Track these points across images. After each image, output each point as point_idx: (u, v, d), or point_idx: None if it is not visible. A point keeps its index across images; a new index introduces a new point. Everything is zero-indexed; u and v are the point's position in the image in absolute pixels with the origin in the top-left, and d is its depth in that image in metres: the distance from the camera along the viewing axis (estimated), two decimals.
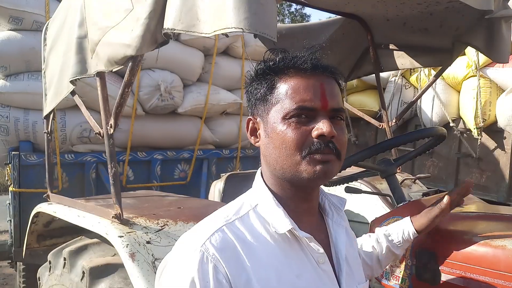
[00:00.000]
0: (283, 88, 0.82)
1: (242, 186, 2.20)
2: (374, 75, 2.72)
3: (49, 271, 1.88)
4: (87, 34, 1.50)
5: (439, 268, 1.23)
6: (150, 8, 1.15)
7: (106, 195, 2.44)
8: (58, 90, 1.79)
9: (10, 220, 4.03)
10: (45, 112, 2.06)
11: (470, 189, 1.20)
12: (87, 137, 3.38)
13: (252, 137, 0.89)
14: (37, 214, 2.11)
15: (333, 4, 2.23)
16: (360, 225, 2.18)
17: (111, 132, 1.45)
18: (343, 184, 1.78)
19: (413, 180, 2.45)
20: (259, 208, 0.84)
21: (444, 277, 1.22)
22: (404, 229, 1.19)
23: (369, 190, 2.09)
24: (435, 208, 1.18)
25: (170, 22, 1.07)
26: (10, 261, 4.29)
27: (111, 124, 1.42)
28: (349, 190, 1.72)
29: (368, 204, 2.13)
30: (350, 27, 2.46)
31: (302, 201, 0.86)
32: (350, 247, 0.94)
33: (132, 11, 1.22)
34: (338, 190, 1.85)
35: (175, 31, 1.07)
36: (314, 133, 0.78)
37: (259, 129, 0.87)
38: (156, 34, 1.18)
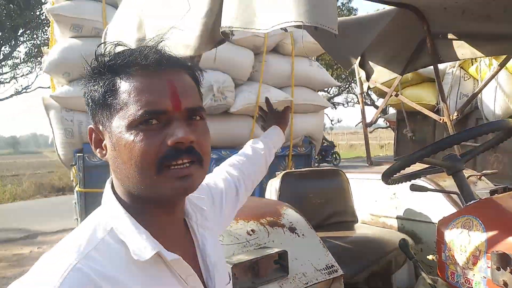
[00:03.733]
0: (125, 89, 0.68)
1: (298, 183, 2.18)
2: (431, 67, 2.61)
3: None
4: (145, 36, 1.55)
5: None
6: (207, 8, 1.15)
7: None
8: None
9: (77, 219, 4.28)
10: None
11: None
12: None
13: (98, 150, 0.73)
14: None
15: None
16: (425, 225, 2.09)
17: None
18: (405, 182, 1.70)
19: (478, 176, 2.31)
20: (116, 231, 0.68)
21: None
22: (278, 134, 1.37)
23: (434, 188, 1.99)
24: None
25: (227, 20, 1.06)
26: None
27: None
28: (414, 188, 1.64)
29: (432, 203, 2.03)
30: (404, 17, 2.36)
31: (164, 215, 0.73)
32: (217, 248, 0.86)
33: (189, 12, 1.24)
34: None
35: (233, 29, 1.06)
36: (169, 141, 0.66)
37: (104, 140, 0.72)
38: (214, 33, 1.19)
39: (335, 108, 21.96)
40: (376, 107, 16.76)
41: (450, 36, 2.34)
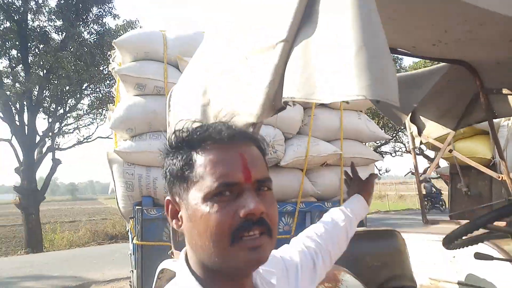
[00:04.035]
0: (201, 163, 0.72)
1: (353, 244, 2.15)
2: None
3: None
4: (209, 102, 1.68)
5: None
6: (270, 79, 1.22)
7: None
8: None
9: (132, 271, 4.37)
10: None
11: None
12: None
13: (174, 221, 0.77)
14: (162, 271, 2.23)
15: (438, 52, 2.19)
16: None
17: None
18: (467, 246, 1.64)
19: None
20: None
21: None
22: (362, 204, 1.31)
23: (500, 255, 1.88)
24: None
25: (289, 91, 1.12)
26: None
27: None
28: (479, 257, 1.57)
29: (497, 269, 1.92)
30: (456, 72, 2.37)
31: (236, 285, 0.75)
32: None
33: (252, 81, 1.34)
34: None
35: (294, 99, 1.12)
36: (241, 212, 0.69)
37: (180, 211, 0.76)
38: (275, 102, 1.26)
39: (383, 158, 21.46)
40: (426, 156, 16.21)
41: (504, 91, 2.30)
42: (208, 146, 0.74)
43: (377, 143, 19.75)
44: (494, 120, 4.44)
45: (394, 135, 19.66)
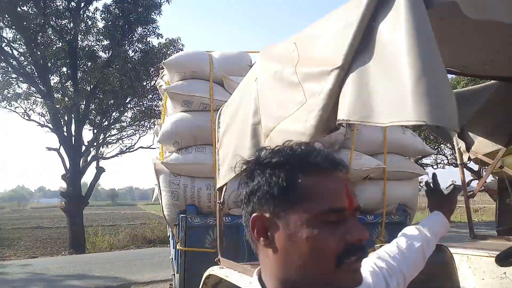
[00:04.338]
0: (309, 186, 0.72)
1: None
2: None
3: None
4: (260, 122, 1.74)
5: None
6: (324, 102, 1.25)
7: None
8: (232, 167, 2.07)
9: (174, 274, 4.50)
10: (218, 185, 2.36)
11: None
12: None
13: (262, 239, 0.74)
14: (208, 276, 2.31)
15: (489, 70, 2.16)
16: None
17: None
18: None
19: None
20: None
21: None
22: (439, 220, 1.27)
23: None
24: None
25: (344, 113, 1.14)
26: None
27: None
28: None
29: None
30: (506, 89, 2.34)
31: None
32: None
33: (305, 104, 1.37)
34: None
35: (350, 122, 1.13)
36: (352, 238, 0.70)
37: (269, 228, 0.74)
38: (329, 123, 1.29)
39: (426, 172, 20.84)
40: (469, 169, 15.60)
41: None
42: (314, 171, 0.74)
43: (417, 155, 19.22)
44: None
45: (436, 147, 19.08)
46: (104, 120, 15.83)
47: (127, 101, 15.56)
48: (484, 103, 2.47)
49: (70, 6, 14.05)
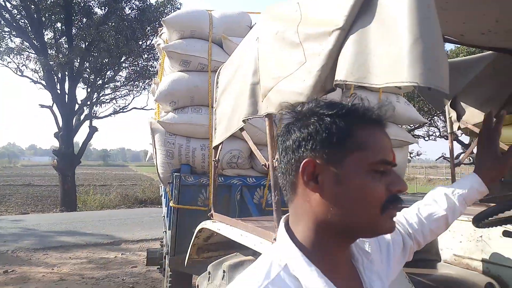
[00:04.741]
0: (365, 136, 0.77)
1: None
2: None
3: (208, 280, 2.10)
4: (259, 81, 1.76)
5: None
6: (323, 62, 1.29)
7: (259, 218, 2.69)
8: (229, 126, 2.11)
9: (166, 231, 4.62)
10: (214, 144, 2.41)
11: None
12: (235, 163, 3.77)
13: (310, 182, 0.78)
14: (201, 230, 2.40)
15: (487, 40, 2.18)
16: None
17: (275, 165, 1.66)
18: (498, 226, 1.71)
19: None
20: (290, 267, 0.76)
21: None
22: (474, 186, 1.17)
23: None
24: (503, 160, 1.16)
25: (342, 74, 1.18)
26: (159, 267, 4.88)
27: (277, 158, 1.64)
28: (507, 234, 1.65)
29: None
30: (502, 61, 2.36)
31: (341, 250, 0.81)
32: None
33: (305, 64, 1.40)
34: None
35: (346, 83, 1.18)
36: (396, 188, 0.77)
37: (320, 174, 0.77)
38: (326, 84, 1.33)
39: (417, 141, 21.02)
40: (460, 142, 15.81)
41: None
42: (370, 124, 0.80)
43: (411, 126, 19.36)
44: None
45: (429, 119, 19.20)
46: (98, 79, 15.63)
47: (122, 60, 15.31)
48: (478, 74, 2.50)
49: None
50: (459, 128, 3.03)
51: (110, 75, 15.90)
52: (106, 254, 7.49)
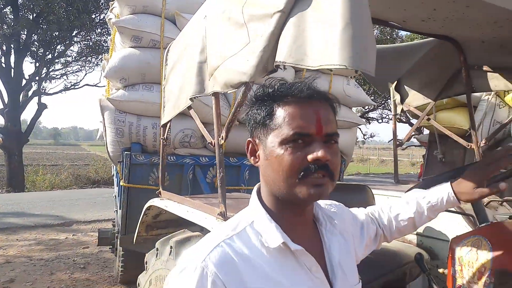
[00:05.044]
0: (281, 114, 0.86)
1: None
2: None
3: (156, 256, 2.13)
4: (206, 60, 1.78)
5: None
6: (265, 43, 1.33)
7: (207, 195, 2.73)
8: (177, 104, 2.11)
9: (117, 211, 4.57)
10: (163, 122, 2.40)
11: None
12: (188, 142, 3.77)
13: (252, 158, 0.94)
14: (149, 207, 2.41)
15: (428, 27, 2.28)
16: (442, 243, 2.21)
17: (221, 143, 1.70)
18: None
19: (500, 202, 2.41)
20: (255, 224, 0.88)
21: None
22: (447, 200, 1.21)
23: (453, 209, 2.12)
24: (478, 177, 1.14)
25: (282, 56, 1.24)
26: (111, 246, 4.84)
27: (222, 136, 1.68)
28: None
29: (452, 223, 2.15)
30: (442, 48, 2.48)
31: (296, 215, 0.91)
32: (344, 252, 0.99)
33: (249, 44, 1.44)
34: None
35: (285, 64, 1.24)
36: (310, 158, 0.83)
37: (258, 150, 0.91)
38: (268, 65, 1.37)
39: (369, 123, 21.73)
40: (411, 125, 16.55)
41: (485, 68, 2.42)
42: (289, 101, 0.88)
43: (365, 109, 19.95)
44: (474, 94, 4.62)
45: (383, 102, 19.86)
46: (47, 53, 14.76)
47: (74, 34, 14.50)
48: (420, 58, 2.62)
49: None
50: (402, 110, 3.19)
51: (60, 50, 15.10)
52: (56, 236, 7.29)
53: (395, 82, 2.98)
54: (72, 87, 16.34)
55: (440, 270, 1.71)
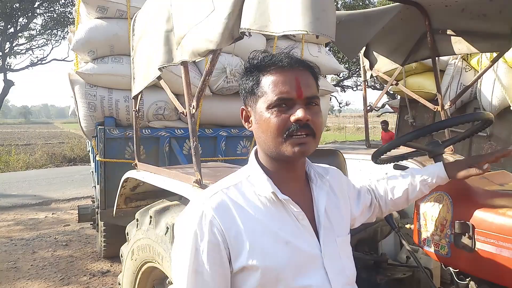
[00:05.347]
0: (266, 83, 0.98)
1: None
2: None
3: (137, 227, 2.17)
4: (173, 29, 1.76)
5: (475, 238, 1.39)
6: (229, 10, 1.34)
7: (182, 166, 2.75)
8: (146, 75, 2.09)
9: (94, 186, 4.55)
10: (133, 93, 2.38)
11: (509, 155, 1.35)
12: (162, 114, 3.75)
13: (246, 123, 1.07)
14: (127, 180, 2.42)
15: None
16: None
17: (193, 112, 1.72)
18: (395, 162, 1.93)
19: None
20: (251, 178, 1.03)
21: (479, 245, 1.38)
22: (438, 175, 1.37)
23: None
24: (469, 162, 1.36)
25: (246, 22, 1.25)
26: (92, 222, 4.86)
27: (193, 105, 1.70)
28: (397, 167, 1.88)
29: None
30: (408, 13, 2.52)
31: (286, 171, 1.04)
32: (333, 205, 1.11)
33: (214, 12, 1.44)
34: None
35: (250, 31, 1.26)
36: (292, 119, 0.95)
37: (250, 117, 1.04)
38: (233, 32, 1.38)
39: (344, 91, 21.92)
40: (388, 93, 16.76)
41: (449, 32, 2.47)
42: (272, 71, 0.99)
43: (339, 77, 20.03)
44: (441, 58, 4.72)
45: (357, 70, 19.98)
46: (9, 26, 14.09)
47: (36, 5, 13.85)
48: (387, 23, 2.65)
49: None
50: (371, 76, 3.25)
51: (23, 22, 14.43)
52: (36, 215, 7.22)
53: (364, 48, 3.03)
54: (39, 62, 15.78)
55: (407, 226, 1.81)
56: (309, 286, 0.97)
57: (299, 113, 0.94)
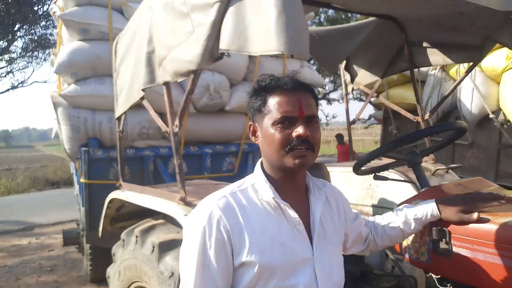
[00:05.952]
0: (272, 102, 1.10)
1: None
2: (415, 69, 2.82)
3: (123, 247, 2.17)
4: (154, 50, 1.79)
5: (452, 243, 1.43)
6: (208, 32, 1.39)
7: (167, 184, 2.75)
8: (129, 96, 2.11)
9: (79, 209, 4.49)
10: (117, 114, 2.39)
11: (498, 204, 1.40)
12: (146, 134, 3.75)
13: (253, 137, 1.19)
14: (111, 200, 2.41)
15: (368, 7, 2.38)
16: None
17: (176, 131, 1.74)
18: (373, 173, 1.97)
19: (445, 170, 2.58)
20: (255, 185, 1.15)
21: (456, 250, 1.42)
22: (431, 214, 1.43)
23: (399, 178, 2.25)
24: (462, 204, 1.40)
25: (224, 43, 1.32)
26: (77, 246, 4.77)
27: (176, 124, 1.72)
28: (377, 178, 1.92)
29: (404, 193, 2.26)
30: (385, 27, 2.59)
31: (288, 180, 1.15)
32: (327, 215, 1.21)
33: (194, 34, 1.49)
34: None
35: (229, 51, 1.32)
36: (294, 134, 1.07)
37: (257, 131, 1.16)
38: (213, 52, 1.43)
39: (331, 104, 22.16)
40: (370, 103, 17.00)
41: (425, 44, 2.55)
42: (278, 92, 1.11)
43: (326, 91, 20.23)
44: (422, 69, 4.83)
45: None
46: None
47: (16, 28, 13.79)
48: (365, 37, 2.72)
49: None
50: (352, 89, 3.32)
51: (3, 46, 14.30)
52: (18, 241, 7.04)
53: (344, 62, 3.09)
54: (20, 85, 15.61)
55: None
56: (298, 284, 1.07)
57: (300, 130, 1.06)
